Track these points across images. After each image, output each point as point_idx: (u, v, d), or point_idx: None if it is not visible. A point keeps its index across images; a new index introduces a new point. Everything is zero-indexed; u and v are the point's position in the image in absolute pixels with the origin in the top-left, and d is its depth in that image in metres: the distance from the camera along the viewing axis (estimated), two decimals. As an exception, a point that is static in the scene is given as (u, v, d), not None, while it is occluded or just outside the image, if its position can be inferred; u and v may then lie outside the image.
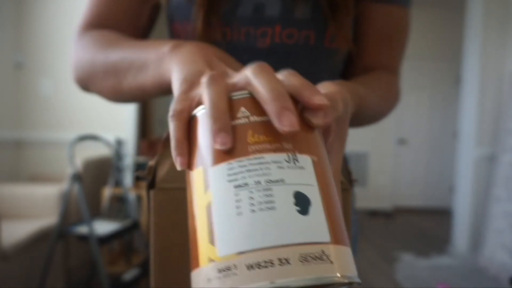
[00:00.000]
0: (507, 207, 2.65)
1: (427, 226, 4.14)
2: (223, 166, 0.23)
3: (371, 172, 4.96)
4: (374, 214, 4.70)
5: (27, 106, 2.73)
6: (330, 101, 0.28)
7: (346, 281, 0.21)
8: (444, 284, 2.47)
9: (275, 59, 0.50)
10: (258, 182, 0.22)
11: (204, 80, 0.26)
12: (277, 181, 0.22)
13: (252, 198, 0.22)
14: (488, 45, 2.95)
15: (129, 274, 2.04)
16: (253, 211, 0.21)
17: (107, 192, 2.29)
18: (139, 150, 2.89)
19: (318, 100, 0.25)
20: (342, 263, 0.21)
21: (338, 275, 0.21)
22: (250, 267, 0.20)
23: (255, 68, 0.26)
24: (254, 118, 0.24)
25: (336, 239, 0.22)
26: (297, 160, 0.23)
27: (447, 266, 2.84)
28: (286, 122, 0.23)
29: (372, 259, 2.98)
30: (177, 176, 0.35)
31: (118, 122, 2.76)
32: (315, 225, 0.21)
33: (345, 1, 0.49)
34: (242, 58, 0.49)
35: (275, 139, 0.24)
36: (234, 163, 0.23)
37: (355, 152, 4.93)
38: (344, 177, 0.37)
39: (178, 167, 0.25)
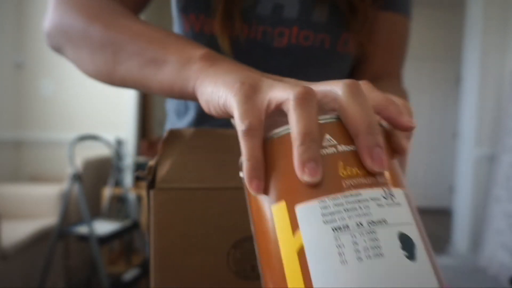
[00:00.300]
0: (507, 207, 2.65)
1: (427, 226, 4.11)
2: (315, 203, 0.20)
3: (371, 172, 4.96)
4: (374, 214, 4.70)
5: (27, 106, 2.73)
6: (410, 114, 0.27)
7: None
8: (444, 284, 2.47)
9: (291, 59, 0.51)
10: (360, 224, 0.19)
11: (293, 95, 0.22)
12: (379, 221, 0.19)
13: (356, 243, 0.18)
14: (488, 45, 2.95)
15: (129, 274, 2.04)
16: (359, 258, 0.18)
17: (107, 192, 2.29)
18: (139, 150, 2.89)
19: (407, 121, 0.23)
20: None
21: None
22: None
23: (348, 88, 0.23)
24: (342, 148, 0.21)
25: (441, 283, 0.19)
26: (393, 196, 0.20)
27: (447, 266, 2.84)
28: (377, 162, 0.20)
29: (372, 259, 2.98)
30: (177, 176, 0.35)
31: (118, 122, 2.76)
32: (424, 272, 0.19)
33: (364, 5, 0.51)
34: (258, 56, 0.50)
35: (369, 172, 0.21)
36: (328, 201, 0.19)
37: (355, 152, 4.93)
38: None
39: (253, 192, 0.22)
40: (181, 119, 0.57)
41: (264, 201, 0.22)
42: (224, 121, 0.40)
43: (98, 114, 2.75)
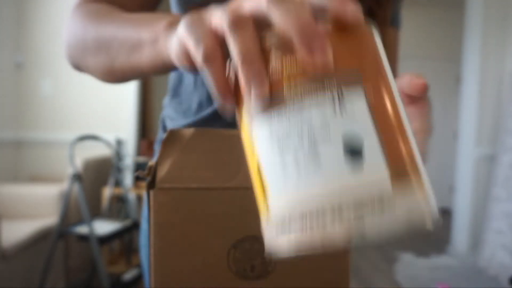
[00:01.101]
0: (506, 207, 2.65)
1: (427, 226, 4.15)
2: (264, 120, 0.21)
3: (371, 172, 4.96)
4: (374, 214, 4.70)
5: (27, 106, 2.73)
6: None
7: (410, 230, 0.18)
8: (443, 284, 2.47)
9: None
10: (301, 132, 0.19)
11: (226, 24, 0.23)
12: (322, 126, 0.19)
13: (297, 157, 0.19)
14: (488, 45, 2.95)
15: (129, 274, 2.04)
16: (299, 173, 0.19)
17: (107, 192, 2.29)
18: (139, 150, 2.90)
19: (351, 13, 0.21)
20: (408, 208, 0.18)
21: (400, 226, 0.18)
22: (301, 227, 0.18)
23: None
24: (286, 59, 0.21)
25: (398, 173, 0.18)
26: (342, 96, 0.19)
27: (447, 266, 2.84)
28: (318, 56, 0.20)
29: (372, 259, 2.98)
30: (177, 176, 0.35)
31: (118, 122, 2.77)
32: (372, 165, 0.18)
33: (382, 11, 0.56)
34: None
35: (314, 77, 0.20)
36: (275, 115, 0.20)
37: (355, 152, 4.93)
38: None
39: (225, 109, 0.24)
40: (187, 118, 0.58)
41: (240, 123, 0.24)
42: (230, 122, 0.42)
43: (98, 114, 2.75)
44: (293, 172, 0.19)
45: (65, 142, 2.63)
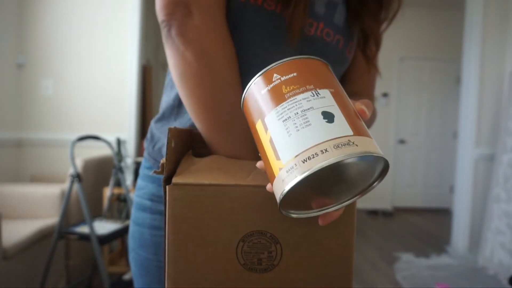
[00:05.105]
0: (506, 207, 2.66)
1: (427, 226, 4.16)
2: (273, 112, 0.34)
3: (370, 172, 4.96)
4: (374, 214, 4.71)
5: (28, 107, 2.74)
6: None
7: (368, 155, 0.30)
8: (442, 284, 2.47)
9: (314, 47, 0.61)
10: (297, 113, 0.33)
11: None
12: (308, 109, 0.33)
13: (295, 123, 0.32)
14: (488, 45, 2.97)
15: (130, 274, 2.05)
16: (297, 130, 0.32)
17: (108, 192, 2.29)
18: (140, 150, 2.90)
19: None
20: (364, 145, 0.31)
21: (362, 150, 0.30)
22: (304, 161, 0.30)
23: None
24: (284, 77, 0.36)
25: (357, 132, 0.32)
26: (319, 93, 0.34)
27: (446, 266, 2.85)
28: None
29: (372, 259, 2.99)
30: (191, 173, 0.37)
31: (119, 123, 2.77)
32: (340, 127, 0.31)
33: (376, 32, 0.65)
34: (287, 37, 0.58)
35: (301, 85, 0.35)
36: (279, 108, 0.34)
37: (355, 153, 4.93)
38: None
39: None
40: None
41: (254, 125, 0.37)
42: None
43: (98, 114, 2.76)
44: (293, 132, 0.32)
45: (66, 142, 2.64)
